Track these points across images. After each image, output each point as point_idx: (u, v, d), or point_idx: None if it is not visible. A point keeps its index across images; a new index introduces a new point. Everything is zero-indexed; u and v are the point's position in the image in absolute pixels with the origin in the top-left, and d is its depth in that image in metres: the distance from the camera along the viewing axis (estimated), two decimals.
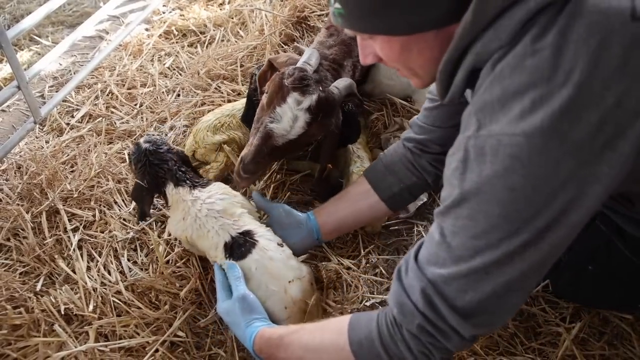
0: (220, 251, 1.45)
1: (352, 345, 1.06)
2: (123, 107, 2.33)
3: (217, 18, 2.93)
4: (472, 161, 0.87)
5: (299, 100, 1.54)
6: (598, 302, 1.52)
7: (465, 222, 0.89)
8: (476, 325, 0.94)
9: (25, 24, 2.02)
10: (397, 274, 1.03)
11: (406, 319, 0.98)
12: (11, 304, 1.51)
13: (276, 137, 1.55)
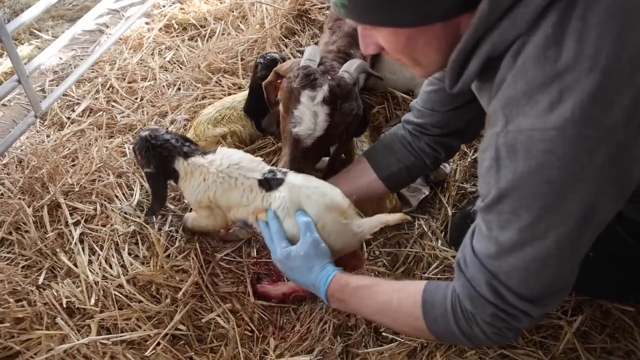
0: (257, 191, 1.42)
1: (426, 319, 1.10)
2: (124, 101, 2.32)
3: (218, 11, 2.92)
4: (505, 159, 0.87)
5: (312, 96, 1.54)
6: (600, 291, 1.51)
7: (509, 217, 0.90)
8: (544, 306, 0.98)
9: (25, 18, 2.01)
10: (457, 266, 1.05)
11: (479, 310, 1.01)
12: (14, 298, 1.51)
13: (304, 139, 1.56)
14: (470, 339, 1.07)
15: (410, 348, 1.45)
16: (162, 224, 1.77)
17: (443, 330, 1.10)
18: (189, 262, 1.65)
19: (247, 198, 1.44)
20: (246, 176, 1.45)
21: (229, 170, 1.47)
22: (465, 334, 1.06)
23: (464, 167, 1.96)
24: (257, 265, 1.71)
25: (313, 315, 1.55)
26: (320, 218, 1.36)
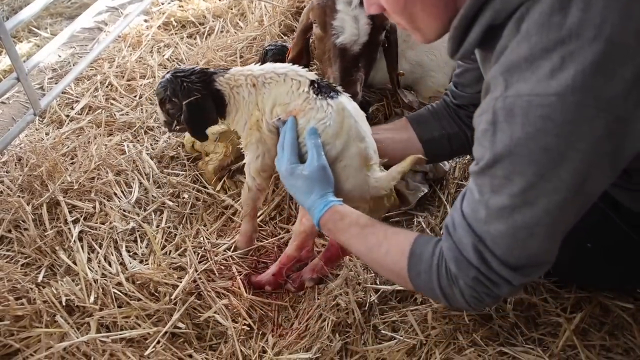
0: (305, 89, 1.36)
1: (410, 271, 1.13)
2: (122, 99, 2.32)
3: (216, 9, 2.91)
4: (502, 123, 0.86)
5: (348, 0, 1.50)
6: (597, 281, 1.52)
7: (502, 181, 0.90)
8: (526, 275, 0.99)
9: (24, 15, 2.01)
10: (446, 228, 1.06)
11: (462, 273, 1.02)
12: (13, 295, 1.51)
13: (352, 47, 1.52)
14: (447, 299, 1.09)
15: (410, 346, 1.45)
16: (160, 220, 1.77)
17: (424, 284, 1.12)
18: (186, 258, 1.65)
19: (292, 94, 1.38)
20: (298, 73, 1.40)
21: (274, 69, 1.43)
22: (445, 293, 1.08)
23: (462, 164, 1.96)
24: (253, 265, 1.70)
25: (311, 312, 1.55)
26: (346, 156, 1.34)
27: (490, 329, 1.48)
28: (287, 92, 1.39)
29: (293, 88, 1.38)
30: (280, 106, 1.40)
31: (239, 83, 1.44)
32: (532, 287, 1.56)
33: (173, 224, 1.78)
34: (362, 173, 1.36)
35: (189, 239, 1.73)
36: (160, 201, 1.84)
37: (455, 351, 1.43)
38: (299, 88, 1.37)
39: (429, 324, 1.48)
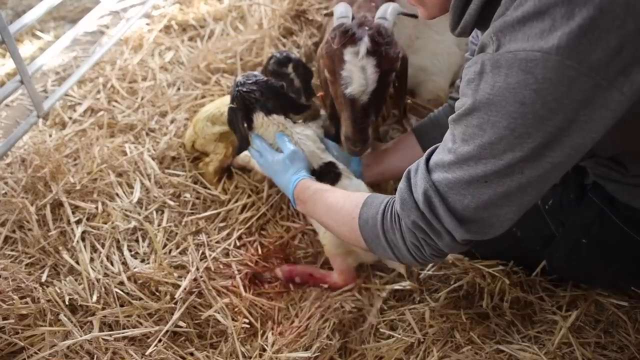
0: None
1: (360, 219, 1.18)
2: (124, 101, 2.35)
3: (217, 12, 2.94)
4: (488, 74, 0.90)
5: (355, 51, 1.50)
6: (592, 278, 1.54)
7: (474, 130, 0.93)
8: (469, 231, 1.01)
9: (27, 19, 2.04)
10: (407, 173, 1.10)
11: (405, 213, 1.05)
12: (18, 294, 1.54)
13: (361, 97, 1.53)
14: (391, 246, 1.12)
15: (408, 344, 1.47)
16: (161, 220, 1.80)
17: (370, 232, 1.15)
18: (187, 257, 1.68)
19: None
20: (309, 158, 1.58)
21: (303, 144, 1.60)
22: (388, 238, 1.11)
23: None
24: (254, 264, 1.72)
25: (312, 312, 1.57)
26: None
27: (487, 327, 1.50)
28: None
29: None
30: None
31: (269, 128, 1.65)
32: (529, 286, 1.58)
33: (174, 223, 1.80)
34: None
35: (190, 237, 1.75)
36: (162, 201, 1.86)
37: (452, 349, 1.45)
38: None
39: (427, 323, 1.50)
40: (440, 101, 2.23)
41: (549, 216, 1.45)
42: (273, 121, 1.63)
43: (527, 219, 1.48)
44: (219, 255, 1.72)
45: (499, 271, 1.57)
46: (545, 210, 1.46)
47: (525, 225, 1.51)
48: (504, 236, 1.54)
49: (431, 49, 2.18)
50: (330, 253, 1.61)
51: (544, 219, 1.46)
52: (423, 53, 2.15)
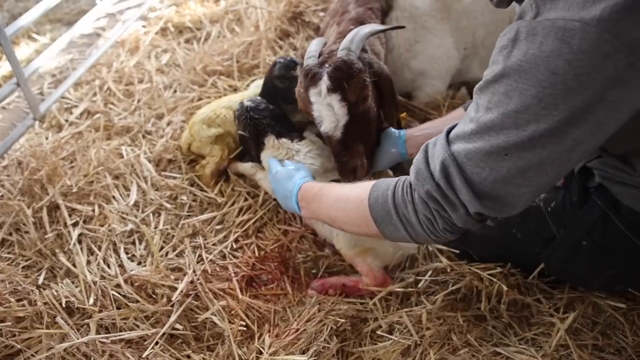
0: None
1: (369, 199, 1.14)
2: (121, 104, 2.34)
3: (213, 14, 2.94)
4: (521, 41, 0.88)
5: (316, 91, 1.53)
6: (590, 281, 1.54)
7: (500, 98, 0.91)
8: (484, 206, 0.98)
9: (24, 22, 2.04)
10: (425, 146, 1.07)
11: (419, 183, 1.02)
12: (15, 297, 1.54)
13: (335, 133, 1.56)
14: (403, 222, 1.08)
15: (404, 346, 1.47)
16: (158, 222, 1.79)
17: (381, 209, 1.12)
18: (184, 259, 1.67)
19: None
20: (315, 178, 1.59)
21: (309, 165, 1.64)
22: (399, 213, 1.08)
23: None
24: (251, 267, 1.71)
25: (310, 315, 1.56)
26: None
27: (484, 329, 1.50)
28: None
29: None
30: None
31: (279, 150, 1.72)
32: (526, 288, 1.59)
33: (171, 226, 1.80)
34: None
35: (187, 239, 1.75)
36: (158, 203, 1.86)
37: (449, 351, 1.45)
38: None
39: (424, 325, 1.50)
40: (437, 104, 2.24)
41: (551, 218, 1.45)
42: (282, 144, 1.71)
43: (529, 221, 1.50)
44: (215, 257, 1.72)
45: (497, 274, 1.57)
46: (548, 213, 1.46)
47: (527, 227, 1.51)
48: (503, 238, 1.56)
49: (430, 53, 2.19)
50: (348, 256, 1.62)
51: (546, 221, 1.47)
52: (422, 57, 2.16)
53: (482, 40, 2.30)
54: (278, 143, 1.72)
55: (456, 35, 2.24)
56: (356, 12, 1.90)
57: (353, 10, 1.92)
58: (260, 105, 1.78)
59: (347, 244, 1.58)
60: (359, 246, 1.58)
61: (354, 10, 1.92)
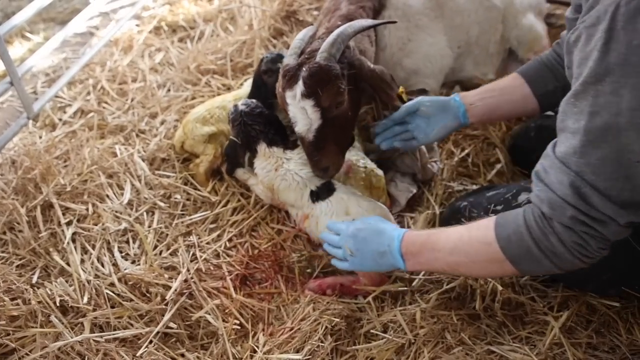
0: (306, 199, 1.66)
1: (499, 241, 1.06)
2: (114, 103, 2.34)
3: (207, 13, 2.94)
4: (619, 30, 0.79)
5: (292, 94, 1.53)
6: (585, 283, 1.53)
7: (608, 98, 0.82)
8: (633, 213, 0.90)
9: (17, 20, 2.03)
10: (536, 175, 1.01)
11: (557, 212, 0.94)
12: (8, 296, 1.53)
13: (307, 135, 1.57)
14: (548, 254, 0.99)
15: (398, 345, 1.47)
16: (152, 221, 1.79)
17: (517, 247, 1.03)
18: (177, 258, 1.67)
19: (299, 201, 1.68)
20: (306, 184, 1.66)
21: (298, 172, 1.68)
22: (542, 247, 0.98)
23: (451, 166, 2.00)
24: (245, 266, 1.71)
25: (305, 314, 1.56)
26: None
27: (477, 328, 1.51)
28: (296, 198, 1.69)
29: (298, 197, 1.68)
30: (292, 208, 1.74)
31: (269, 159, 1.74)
32: (520, 287, 1.59)
33: (165, 225, 1.80)
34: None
35: (180, 238, 1.75)
36: (152, 202, 1.86)
37: (443, 350, 1.45)
38: (302, 198, 1.67)
39: (418, 324, 1.50)
40: None
41: None
42: (273, 153, 1.72)
43: None
44: (209, 256, 1.71)
45: None
46: None
47: None
48: None
49: (424, 52, 2.19)
50: None
51: None
52: (415, 55, 2.16)
53: (476, 39, 2.31)
54: (269, 151, 1.73)
55: (450, 33, 2.24)
56: (347, 9, 1.89)
57: (344, 7, 1.92)
58: (254, 110, 1.76)
59: None
60: None
61: (345, 8, 1.91)
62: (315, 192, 1.66)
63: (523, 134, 2.02)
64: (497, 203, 1.63)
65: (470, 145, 2.06)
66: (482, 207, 1.65)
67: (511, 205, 1.58)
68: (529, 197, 1.04)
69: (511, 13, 2.33)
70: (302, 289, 1.66)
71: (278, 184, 1.71)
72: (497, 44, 2.37)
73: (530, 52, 2.35)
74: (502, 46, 2.40)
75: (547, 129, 1.91)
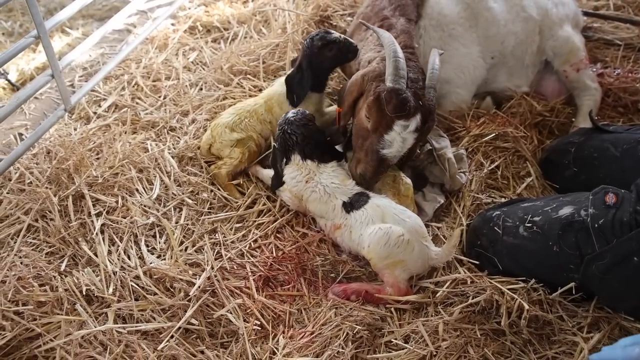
0: (339, 210, 1.70)
1: None
2: (147, 99, 2.38)
3: (241, 15, 2.97)
4: None
5: (405, 125, 1.63)
6: (623, 301, 1.50)
7: None
8: None
9: (62, 16, 2.09)
10: None
11: None
12: (37, 282, 1.57)
13: (391, 159, 1.70)
14: None
15: (419, 356, 1.45)
16: (179, 217, 1.81)
17: None
18: (202, 255, 1.68)
19: (330, 213, 1.72)
20: (336, 196, 1.71)
21: (329, 185, 1.73)
22: None
23: (480, 177, 1.96)
24: (268, 267, 1.71)
25: (326, 319, 1.55)
26: (410, 238, 1.57)
27: (502, 344, 1.48)
28: (326, 210, 1.73)
29: (330, 209, 1.72)
30: (321, 219, 1.78)
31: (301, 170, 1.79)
32: (549, 304, 1.55)
33: (191, 221, 1.81)
34: (424, 247, 1.61)
35: (206, 235, 1.76)
36: (180, 198, 1.88)
37: None
38: (334, 210, 1.71)
39: (440, 336, 1.48)
40: (462, 113, 2.22)
41: (596, 235, 1.44)
42: (306, 166, 1.78)
43: (570, 235, 1.47)
44: (234, 255, 1.72)
45: (519, 288, 1.54)
46: (594, 229, 1.44)
47: (567, 241, 1.49)
48: (538, 250, 1.53)
49: (457, 62, 2.18)
50: (377, 267, 1.62)
51: (590, 237, 1.45)
52: (448, 65, 2.15)
53: (512, 50, 2.27)
54: (303, 163, 1.78)
55: (483, 43, 2.22)
56: (402, 26, 1.96)
57: (396, 21, 1.97)
58: (299, 122, 1.81)
59: (379, 255, 1.59)
60: (390, 258, 1.58)
61: (398, 23, 1.97)
62: (348, 203, 1.69)
63: (560, 149, 1.98)
64: (534, 214, 1.60)
65: (500, 157, 2.03)
66: (517, 217, 1.63)
67: (551, 217, 1.56)
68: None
69: (547, 24, 2.29)
70: (325, 293, 1.65)
71: (308, 195, 1.76)
72: (533, 56, 2.34)
73: (567, 64, 2.32)
74: (538, 58, 2.36)
75: (589, 147, 1.87)
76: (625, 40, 2.72)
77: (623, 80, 2.44)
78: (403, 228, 1.59)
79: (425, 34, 2.14)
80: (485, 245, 1.66)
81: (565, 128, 2.28)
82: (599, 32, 2.80)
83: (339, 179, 1.76)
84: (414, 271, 1.63)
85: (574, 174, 1.90)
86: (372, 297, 1.61)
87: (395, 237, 1.57)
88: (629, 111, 2.37)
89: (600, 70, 2.52)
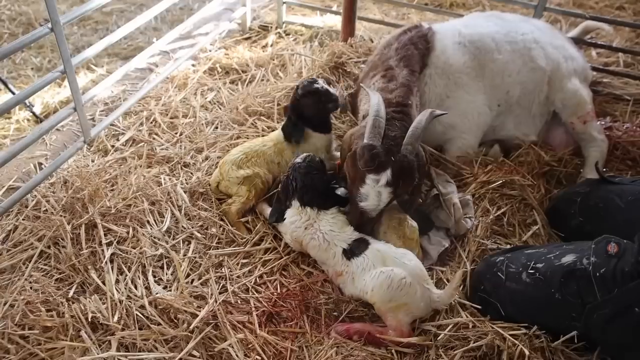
0: (339, 257, 1.73)
1: None
2: (164, 135, 2.47)
3: (259, 59, 3.10)
4: None
5: (376, 179, 1.68)
6: (626, 351, 1.48)
7: None
8: None
9: (88, 53, 2.22)
10: None
11: None
12: (45, 307, 1.60)
13: (370, 212, 1.74)
14: None
15: None
16: (187, 250, 1.84)
17: None
18: (207, 288, 1.70)
19: (331, 260, 1.74)
20: (335, 243, 1.74)
21: (327, 232, 1.76)
22: None
23: (485, 223, 1.98)
24: (272, 303, 1.73)
25: (327, 357, 1.54)
26: (412, 281, 1.58)
27: None
28: (327, 257, 1.77)
29: (331, 256, 1.75)
30: (323, 264, 1.82)
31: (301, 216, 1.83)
32: (551, 352, 1.54)
33: (199, 255, 1.85)
34: (425, 289, 1.63)
35: (212, 269, 1.79)
36: (189, 232, 1.92)
37: None
38: (334, 257, 1.75)
39: None
40: (469, 159, 2.26)
41: (598, 284, 1.44)
42: (305, 212, 1.82)
43: (572, 283, 1.48)
44: (238, 290, 1.74)
45: (520, 335, 1.53)
46: (595, 277, 1.45)
47: (568, 288, 1.49)
48: (539, 297, 1.53)
49: (462, 109, 2.25)
50: (381, 311, 1.63)
51: (592, 285, 1.45)
52: (453, 111, 2.21)
53: (517, 99, 2.34)
54: (302, 209, 1.83)
55: (489, 92, 2.29)
56: (404, 79, 2.04)
57: (399, 72, 2.05)
58: (303, 169, 1.87)
59: (382, 298, 1.60)
60: (394, 301, 1.59)
61: (400, 75, 2.05)
62: (348, 250, 1.72)
63: (566, 198, 2.01)
64: (537, 261, 1.61)
65: (506, 204, 2.05)
66: (520, 263, 1.64)
67: (553, 264, 1.56)
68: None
69: (557, 76, 2.35)
70: (327, 331, 1.65)
71: (307, 241, 1.80)
72: (540, 106, 2.40)
73: (574, 116, 2.36)
74: (547, 108, 2.42)
75: (595, 198, 1.89)
76: (635, 96, 2.78)
77: (631, 134, 2.48)
78: (404, 270, 1.60)
79: (431, 82, 2.22)
80: (488, 290, 1.66)
81: (573, 178, 2.31)
82: (608, 87, 2.88)
83: (337, 225, 1.79)
84: (417, 314, 1.63)
85: (580, 224, 1.91)
86: (374, 338, 1.61)
87: (397, 280, 1.58)
88: (638, 164, 2.40)
89: (609, 124, 2.58)
